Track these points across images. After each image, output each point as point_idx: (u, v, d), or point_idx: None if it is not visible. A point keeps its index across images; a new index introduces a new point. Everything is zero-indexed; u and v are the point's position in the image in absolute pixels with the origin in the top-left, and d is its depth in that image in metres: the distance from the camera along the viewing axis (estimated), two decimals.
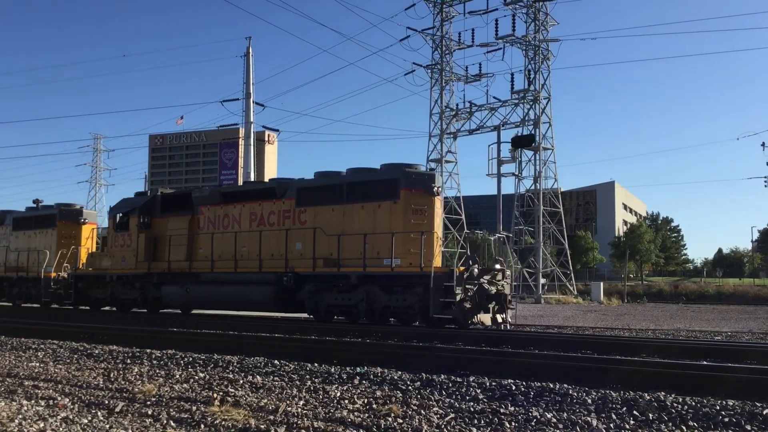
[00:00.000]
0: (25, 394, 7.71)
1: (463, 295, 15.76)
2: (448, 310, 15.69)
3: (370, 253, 16.96)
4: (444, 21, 56.73)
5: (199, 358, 10.45)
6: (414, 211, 16.97)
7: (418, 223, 16.75)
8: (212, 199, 21.10)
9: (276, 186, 19.86)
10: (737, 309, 37.39)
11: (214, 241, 20.15)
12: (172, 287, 21.01)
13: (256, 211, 19.72)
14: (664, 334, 17.50)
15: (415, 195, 17.10)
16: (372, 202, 17.44)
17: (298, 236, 18.44)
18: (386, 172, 17.89)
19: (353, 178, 18.27)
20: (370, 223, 17.30)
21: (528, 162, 50.09)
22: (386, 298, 16.85)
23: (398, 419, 6.33)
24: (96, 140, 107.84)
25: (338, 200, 18.06)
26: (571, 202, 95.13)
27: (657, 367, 8.86)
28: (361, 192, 17.78)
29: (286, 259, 18.47)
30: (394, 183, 17.25)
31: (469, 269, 16.21)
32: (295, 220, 18.80)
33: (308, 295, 18.09)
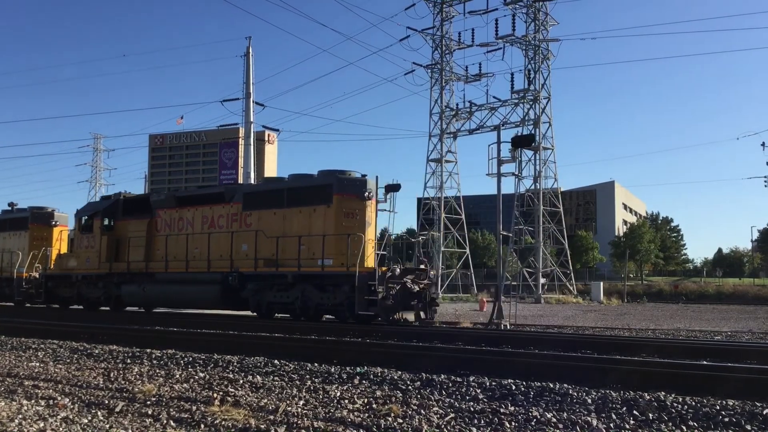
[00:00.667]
0: (25, 394, 7.71)
1: (385, 294, 16.78)
2: (372, 307, 16.81)
3: (305, 254, 18.16)
4: (444, 21, 56.74)
5: (199, 358, 10.46)
6: (346, 215, 18.21)
7: (350, 226, 17.92)
8: (168, 203, 22.27)
9: (225, 191, 21.18)
10: (737, 309, 37.38)
11: (168, 242, 21.33)
12: (131, 286, 22.10)
13: (207, 215, 20.92)
14: (664, 333, 17.50)
15: (347, 200, 18.34)
16: (308, 206, 18.67)
17: (243, 238, 19.62)
18: (321, 179, 19.05)
19: (293, 184, 19.62)
20: (306, 226, 18.52)
21: (528, 162, 50.15)
22: (319, 296, 18.02)
23: (398, 419, 6.33)
24: (96, 140, 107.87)
25: (279, 204, 19.23)
26: (571, 202, 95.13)
27: (657, 366, 8.86)
28: (300, 197, 18.98)
29: (232, 260, 19.65)
30: (328, 188, 18.40)
31: (391, 269, 17.48)
32: (241, 223, 19.97)
33: (251, 294, 19.20)
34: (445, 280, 56.47)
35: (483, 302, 33.14)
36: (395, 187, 24.59)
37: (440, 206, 57.22)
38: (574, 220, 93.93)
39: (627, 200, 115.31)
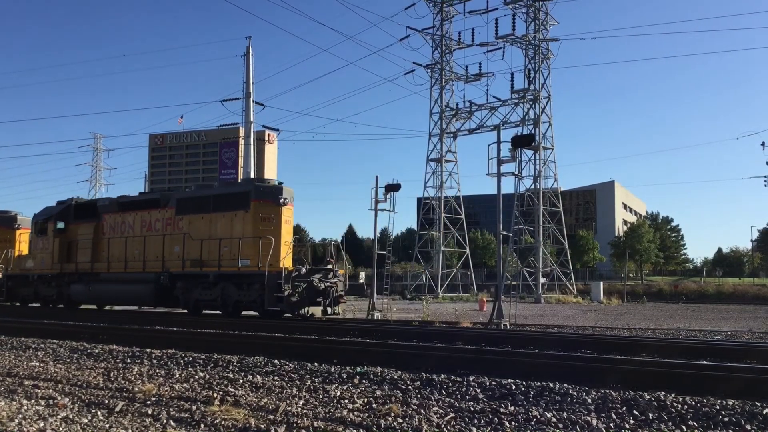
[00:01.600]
0: (25, 394, 7.71)
1: (290, 291, 18.52)
2: (279, 303, 18.58)
3: (227, 255, 19.86)
4: (444, 20, 56.79)
5: (199, 358, 10.45)
6: (262, 219, 19.74)
7: (266, 230, 19.41)
8: (112, 208, 23.89)
9: (161, 197, 22.74)
10: (737, 308, 37.38)
11: (111, 245, 23.24)
12: (79, 285, 23.82)
13: (146, 219, 22.59)
14: (664, 333, 17.50)
15: (263, 205, 19.85)
16: (230, 211, 20.27)
17: (174, 241, 21.31)
18: (241, 186, 21.18)
19: (219, 191, 21.49)
20: (228, 230, 20.18)
21: (528, 162, 50.20)
22: (237, 293, 19.73)
23: (398, 419, 6.33)
24: (96, 140, 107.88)
25: (207, 209, 20.89)
26: (571, 201, 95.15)
27: (657, 366, 8.86)
28: (224, 203, 20.58)
29: (164, 261, 21.45)
30: (246, 195, 20.06)
31: (297, 269, 19.32)
32: (174, 227, 21.59)
33: (181, 292, 20.94)
34: (445, 280, 56.52)
35: (483, 302, 33.17)
36: (395, 187, 24.83)
37: (440, 206, 57.25)
38: (574, 219, 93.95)
39: (627, 200, 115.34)
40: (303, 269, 19.53)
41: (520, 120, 51.39)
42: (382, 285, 29.86)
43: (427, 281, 55.81)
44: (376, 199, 25.11)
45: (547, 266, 51.66)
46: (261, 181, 20.68)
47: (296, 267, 19.67)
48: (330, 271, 20.25)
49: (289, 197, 20.52)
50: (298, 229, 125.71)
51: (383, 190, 25.17)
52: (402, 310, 29.53)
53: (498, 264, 22.78)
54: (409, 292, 53.91)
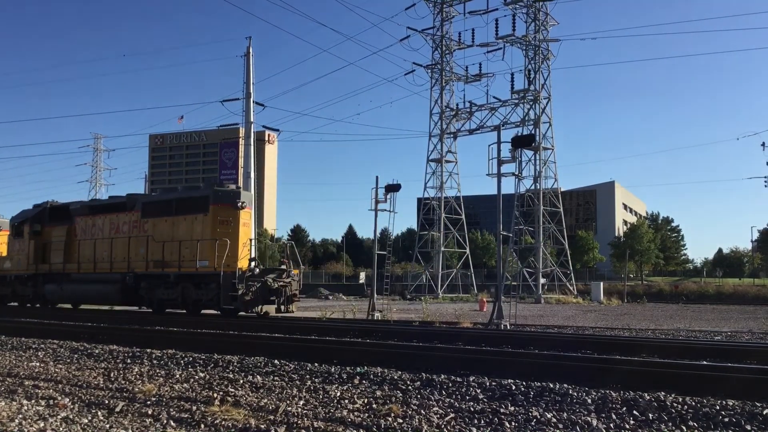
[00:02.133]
0: (26, 394, 7.71)
1: (244, 290, 19.34)
2: (234, 302, 19.44)
3: (187, 256, 20.73)
4: (444, 21, 56.77)
5: (199, 358, 10.45)
6: (221, 222, 20.63)
7: (224, 232, 20.30)
8: (83, 211, 24.84)
9: (127, 201, 23.55)
10: (737, 309, 37.38)
11: (82, 246, 24.17)
12: (52, 285, 24.78)
13: (114, 222, 23.53)
14: (664, 334, 17.50)
15: (221, 209, 20.75)
16: (191, 214, 21.21)
17: (140, 242, 22.27)
18: (201, 190, 21.91)
19: (180, 195, 22.46)
20: (189, 232, 21.08)
21: (528, 162, 50.19)
22: (196, 293, 20.68)
23: (398, 419, 6.33)
24: (96, 140, 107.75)
25: (169, 213, 21.80)
26: (571, 202, 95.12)
27: (657, 366, 8.86)
28: (185, 206, 21.53)
29: (129, 262, 22.41)
30: (206, 199, 20.97)
31: (251, 269, 20.22)
32: (139, 229, 22.55)
33: (145, 291, 21.89)
34: (445, 280, 56.51)
35: (483, 302, 33.16)
36: (395, 187, 24.88)
37: (440, 206, 57.23)
38: (574, 220, 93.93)
39: (627, 200, 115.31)
40: (257, 269, 20.52)
41: (520, 120, 51.40)
42: (382, 285, 29.88)
43: (427, 281, 55.80)
44: (376, 199, 25.12)
45: (547, 266, 51.65)
46: (220, 186, 21.64)
47: (250, 267, 20.47)
48: (284, 272, 21.14)
49: (248, 201, 21.56)
50: (298, 229, 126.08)
51: (383, 190, 25.20)
52: (402, 310, 29.54)
53: (498, 264, 22.79)
54: (409, 293, 53.91)
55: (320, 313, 24.21)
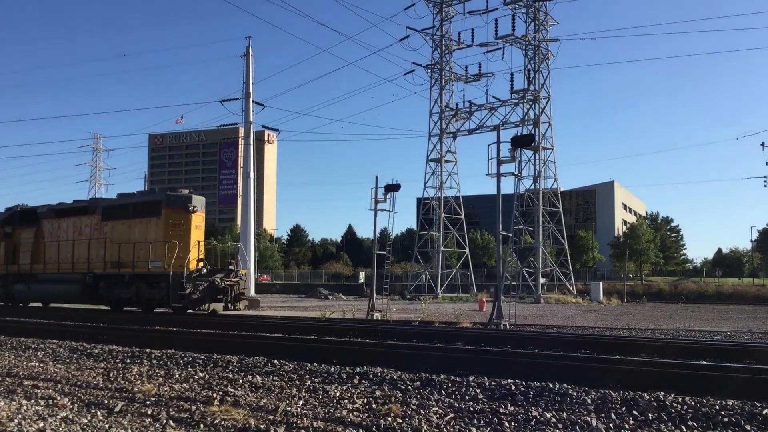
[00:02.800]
0: (25, 394, 7.71)
1: (192, 289, 20.47)
2: (182, 300, 20.51)
3: (141, 257, 21.90)
4: (444, 21, 56.72)
5: (198, 358, 10.44)
6: (173, 225, 21.71)
7: (176, 235, 21.43)
8: (49, 215, 25.92)
9: (89, 205, 24.98)
10: (736, 309, 37.38)
11: (48, 248, 25.42)
12: (20, 285, 25.99)
13: (77, 225, 24.63)
14: (663, 333, 17.50)
15: (173, 212, 21.86)
16: (146, 218, 22.38)
17: (99, 244, 23.45)
18: (155, 195, 23.36)
19: (136, 200, 23.61)
20: (143, 234, 22.25)
21: (528, 162, 50.14)
22: (149, 291, 21.79)
23: (398, 419, 6.33)
24: (95, 140, 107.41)
25: (126, 216, 22.97)
26: (570, 201, 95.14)
27: (656, 366, 8.85)
28: (140, 210, 22.73)
29: (89, 263, 23.55)
30: (158, 204, 22.18)
31: (199, 270, 21.28)
32: (99, 232, 23.68)
33: (104, 291, 23.08)
34: (444, 280, 56.48)
35: (482, 302, 33.16)
36: (395, 187, 24.91)
37: (440, 206, 57.21)
38: (573, 220, 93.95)
39: (627, 200, 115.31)
40: (204, 270, 21.57)
41: (520, 120, 51.35)
42: (382, 285, 29.84)
43: (427, 281, 55.77)
44: (376, 199, 25.11)
45: (546, 266, 51.63)
46: (173, 191, 22.98)
47: (198, 267, 21.47)
48: (231, 272, 22.27)
49: (199, 205, 22.72)
50: (297, 229, 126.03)
51: (383, 190, 25.18)
52: (401, 310, 29.53)
53: (498, 264, 22.78)
54: (409, 293, 53.88)
55: (320, 313, 24.20)
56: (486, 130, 54.11)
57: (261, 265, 79.31)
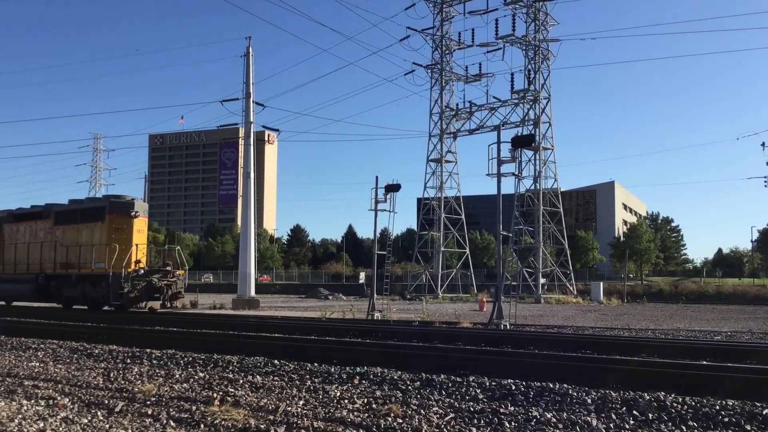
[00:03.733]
0: (25, 394, 7.71)
1: (129, 288, 22.28)
2: (121, 298, 22.31)
3: (87, 259, 23.70)
4: (444, 21, 56.72)
5: (199, 358, 10.44)
6: (116, 229, 23.60)
7: (118, 238, 23.30)
8: (9, 219, 27.95)
9: (43, 210, 26.60)
10: (737, 309, 37.38)
11: (7, 250, 27.52)
12: None
13: (33, 229, 26.70)
14: (663, 334, 17.50)
15: (116, 218, 23.79)
16: (91, 222, 24.31)
17: (51, 247, 25.40)
18: (99, 201, 25.41)
19: (84, 205, 25.67)
20: (89, 238, 24.14)
21: (528, 162, 50.13)
22: (93, 291, 23.69)
23: (398, 419, 6.33)
24: (96, 140, 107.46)
25: (75, 221, 24.86)
26: (571, 202, 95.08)
27: (656, 366, 8.85)
28: (87, 215, 24.70)
29: (41, 264, 25.59)
30: (103, 209, 24.13)
31: (136, 270, 23.08)
32: (51, 235, 25.60)
33: (55, 290, 25.09)
34: (444, 280, 56.47)
35: (483, 302, 33.14)
36: (395, 187, 24.95)
37: (440, 206, 57.19)
38: (574, 220, 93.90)
39: (627, 200, 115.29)
40: (142, 270, 23.29)
41: (520, 120, 51.34)
42: (382, 285, 29.86)
43: (427, 281, 55.76)
44: (376, 199, 25.11)
45: (547, 266, 51.61)
46: (116, 198, 24.64)
47: (136, 269, 23.17)
48: (169, 272, 23.99)
49: (141, 210, 24.58)
50: (298, 229, 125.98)
51: (383, 190, 25.19)
52: (402, 310, 29.52)
53: (498, 264, 22.78)
54: (409, 293, 53.87)
55: (320, 313, 24.20)
56: (486, 130, 54.12)
57: (261, 266, 79.37)
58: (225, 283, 73.63)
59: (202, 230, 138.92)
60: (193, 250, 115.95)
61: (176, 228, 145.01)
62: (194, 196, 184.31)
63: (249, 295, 33.56)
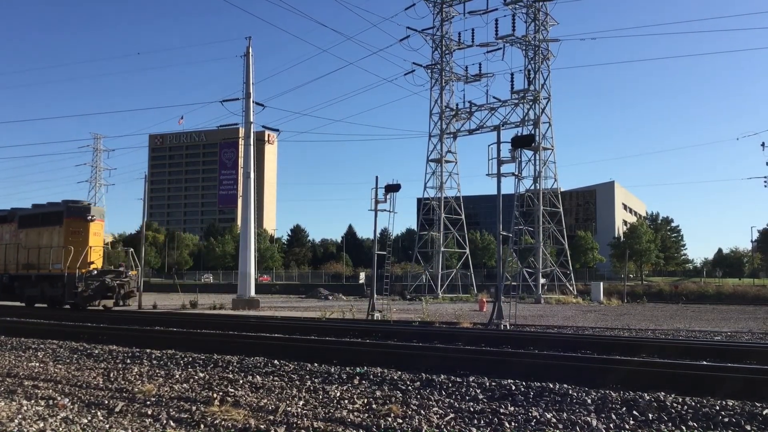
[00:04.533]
0: (25, 394, 7.70)
1: (83, 288, 24.21)
2: (75, 297, 24.13)
3: (46, 260, 25.60)
4: (444, 21, 56.72)
5: (198, 358, 10.44)
6: (72, 233, 25.32)
7: (75, 241, 25.02)
8: None
9: (8, 214, 28.43)
10: (737, 309, 37.36)
11: None
12: None
13: (1, 232, 28.41)
14: (663, 334, 17.49)
15: (73, 221, 25.56)
16: (51, 226, 26.13)
17: (15, 249, 27.20)
18: (58, 206, 26.72)
19: (44, 210, 27.27)
20: (49, 241, 26.00)
21: (528, 162, 50.14)
22: (52, 290, 25.41)
23: (398, 419, 6.33)
24: (96, 140, 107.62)
25: (37, 224, 26.78)
26: (570, 202, 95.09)
27: (657, 367, 8.85)
28: (47, 219, 26.49)
29: (5, 265, 27.53)
30: (61, 214, 25.89)
31: (89, 271, 24.76)
32: (16, 238, 27.47)
33: (18, 289, 26.96)
34: (444, 280, 56.47)
35: (483, 302, 33.13)
36: (395, 187, 24.97)
37: (440, 206, 57.19)
38: (573, 220, 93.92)
39: (627, 200, 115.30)
40: (95, 271, 24.98)
41: (520, 120, 51.34)
42: (382, 285, 29.85)
43: (427, 281, 55.76)
44: (376, 199, 25.11)
45: (546, 267, 51.60)
46: (74, 203, 26.48)
47: (89, 270, 24.78)
48: (122, 273, 25.86)
49: (98, 215, 26.40)
50: (297, 229, 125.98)
51: (383, 190, 25.18)
52: (402, 310, 29.52)
53: (498, 264, 22.78)
54: (409, 293, 53.86)
55: (320, 314, 24.20)
56: (486, 130, 54.12)
57: (261, 266, 79.38)
58: (225, 283, 73.66)
59: (202, 230, 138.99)
60: (193, 250, 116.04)
61: (176, 228, 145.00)
62: (194, 196, 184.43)
63: (249, 295, 33.54)
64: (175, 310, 24.71)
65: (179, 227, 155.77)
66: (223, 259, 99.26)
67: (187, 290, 45.76)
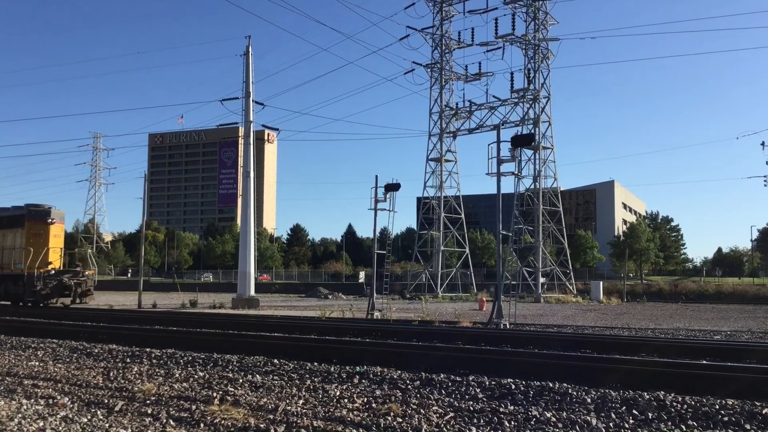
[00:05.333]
0: (25, 393, 7.70)
1: (42, 286, 25.76)
2: (35, 295, 25.67)
3: (9, 261, 27.47)
4: (444, 20, 56.72)
5: (198, 357, 10.44)
6: (33, 235, 26.97)
7: (36, 243, 26.62)
8: None
9: None
10: (736, 308, 37.37)
11: None
12: None
13: None
14: (663, 333, 17.50)
15: (34, 224, 27.22)
16: (14, 228, 27.78)
17: None
18: (20, 209, 28.25)
19: (8, 213, 28.71)
20: (12, 242, 27.71)
21: (528, 161, 50.12)
22: (14, 288, 27.13)
23: (398, 418, 6.33)
24: (95, 139, 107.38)
25: (2, 227, 28.20)
26: (570, 201, 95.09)
27: (656, 366, 8.86)
28: (10, 222, 28.07)
29: None
30: (22, 217, 27.53)
31: (47, 271, 26.23)
32: None
33: None
34: (444, 280, 56.48)
35: (482, 301, 33.16)
36: (395, 186, 24.98)
37: (440, 205, 57.19)
38: (573, 219, 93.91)
39: (626, 200, 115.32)
40: (53, 271, 26.49)
41: (520, 120, 51.33)
42: (382, 284, 29.85)
43: (427, 281, 55.77)
44: (376, 198, 25.12)
45: (546, 266, 51.60)
46: (35, 207, 27.81)
47: (47, 269, 26.27)
48: (79, 272, 27.50)
49: (58, 217, 27.87)
50: (297, 228, 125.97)
51: (383, 189, 25.19)
52: (401, 309, 29.53)
53: (498, 264, 22.78)
54: (409, 292, 53.87)
55: (320, 313, 24.19)
56: (486, 129, 54.12)
57: (261, 265, 79.35)
58: (225, 283, 73.68)
59: (202, 229, 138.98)
60: (193, 250, 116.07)
61: (176, 227, 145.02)
62: (194, 195, 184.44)
63: (249, 294, 33.56)
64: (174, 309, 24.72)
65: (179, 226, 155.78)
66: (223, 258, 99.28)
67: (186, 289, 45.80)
